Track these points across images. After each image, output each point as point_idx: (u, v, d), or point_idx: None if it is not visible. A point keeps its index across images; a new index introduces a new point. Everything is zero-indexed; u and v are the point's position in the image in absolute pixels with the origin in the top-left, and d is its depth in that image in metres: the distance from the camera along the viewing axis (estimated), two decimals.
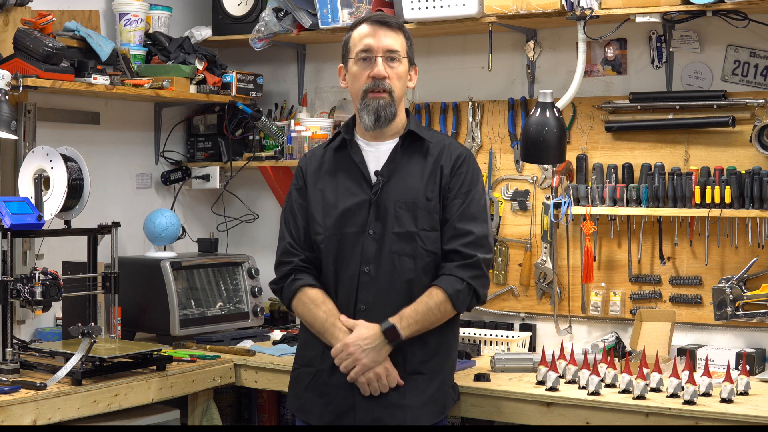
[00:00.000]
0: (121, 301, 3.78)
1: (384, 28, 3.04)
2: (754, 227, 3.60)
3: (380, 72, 3.01)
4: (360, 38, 3.04)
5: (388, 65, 3.03)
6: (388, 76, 3.02)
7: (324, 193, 3.10)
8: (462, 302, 3.00)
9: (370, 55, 3.02)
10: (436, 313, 2.98)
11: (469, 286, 2.99)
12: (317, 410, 3.05)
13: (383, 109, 3.03)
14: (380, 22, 3.04)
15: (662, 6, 3.49)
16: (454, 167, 3.07)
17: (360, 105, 3.05)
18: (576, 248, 3.96)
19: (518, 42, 4.08)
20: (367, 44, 3.02)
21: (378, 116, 3.03)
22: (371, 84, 3.02)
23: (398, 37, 3.05)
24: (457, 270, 2.99)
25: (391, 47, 3.03)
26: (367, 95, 3.03)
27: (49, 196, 3.61)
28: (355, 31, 3.07)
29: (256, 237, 4.71)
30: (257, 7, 4.42)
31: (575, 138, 3.97)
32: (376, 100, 3.02)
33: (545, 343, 3.86)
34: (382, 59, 3.02)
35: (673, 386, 3.12)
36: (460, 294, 2.98)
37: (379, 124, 3.04)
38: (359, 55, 3.03)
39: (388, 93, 3.02)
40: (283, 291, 3.14)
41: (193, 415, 3.76)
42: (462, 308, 3.02)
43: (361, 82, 3.04)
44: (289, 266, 3.12)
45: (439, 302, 2.98)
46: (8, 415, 3.04)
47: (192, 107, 4.68)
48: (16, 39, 3.68)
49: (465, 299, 3.00)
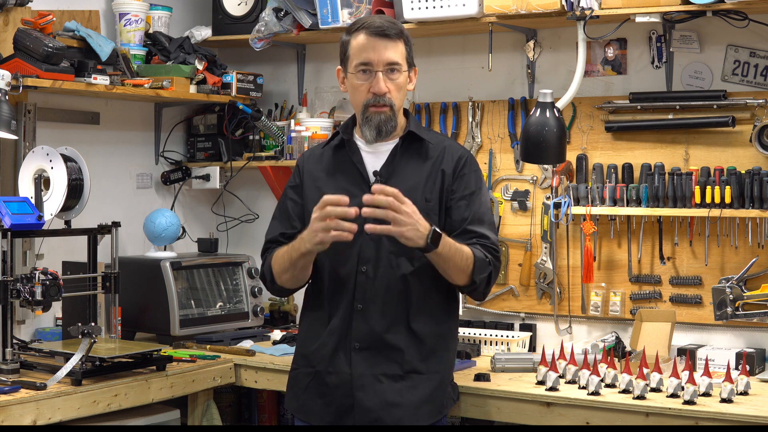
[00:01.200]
0: (121, 301, 3.78)
1: (383, 39, 2.98)
2: (754, 227, 3.60)
3: (381, 89, 2.98)
4: (359, 50, 2.99)
5: (388, 77, 3.00)
6: (389, 90, 3.00)
7: (322, 193, 3.09)
8: (480, 271, 2.93)
9: (369, 68, 2.99)
10: (465, 260, 2.90)
11: (489, 264, 2.96)
12: (317, 410, 3.05)
13: (384, 124, 3.02)
14: (379, 34, 2.98)
15: (662, 6, 3.49)
16: (456, 169, 3.06)
17: (361, 118, 3.04)
18: (576, 248, 3.96)
19: (518, 42, 4.09)
20: (367, 58, 2.98)
21: (380, 131, 3.02)
22: (372, 99, 3.00)
23: (398, 46, 3.01)
24: (480, 248, 2.97)
25: (391, 59, 2.99)
26: (368, 110, 3.01)
27: (49, 196, 3.61)
28: (354, 40, 3.01)
29: (256, 237, 4.70)
30: (257, 7, 4.42)
31: (575, 138, 3.97)
32: (378, 116, 3.01)
33: (545, 343, 3.86)
34: (382, 73, 2.99)
35: (673, 386, 3.12)
36: (483, 263, 2.94)
37: (381, 137, 3.04)
38: (359, 68, 3.00)
39: (389, 107, 3.01)
40: (263, 273, 3.13)
41: (193, 415, 3.76)
42: (478, 276, 2.94)
43: (361, 95, 3.02)
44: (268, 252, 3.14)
45: (467, 255, 2.92)
46: (8, 415, 3.04)
47: (192, 107, 4.69)
48: (16, 39, 3.68)
49: (484, 271, 2.95)
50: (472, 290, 3.01)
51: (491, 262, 2.98)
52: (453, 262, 2.91)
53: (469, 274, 2.93)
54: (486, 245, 2.99)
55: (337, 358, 3.01)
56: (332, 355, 3.02)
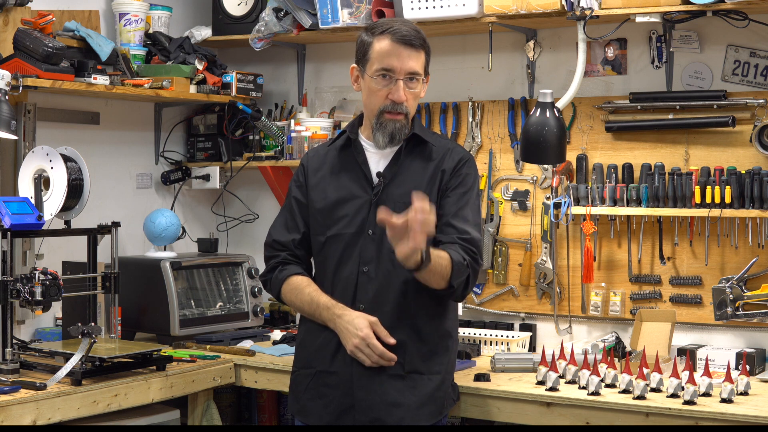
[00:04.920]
0: (121, 301, 3.78)
1: (408, 48, 2.98)
2: (754, 227, 3.60)
3: (401, 97, 2.98)
4: (382, 55, 2.98)
5: (408, 86, 3.00)
6: (407, 99, 3.01)
7: (325, 192, 3.10)
8: (457, 275, 2.89)
9: (391, 74, 2.99)
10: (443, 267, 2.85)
11: (467, 267, 2.93)
12: (316, 411, 3.05)
13: (399, 132, 3.02)
14: (405, 42, 2.97)
15: (662, 6, 3.49)
16: (455, 168, 3.07)
17: (375, 123, 3.03)
18: (576, 248, 3.96)
19: (518, 42, 4.08)
20: (390, 64, 2.97)
21: (393, 138, 3.03)
22: (389, 106, 3.00)
23: (420, 56, 3.01)
24: (459, 249, 2.94)
25: (413, 69, 2.99)
26: (384, 116, 3.01)
27: (49, 196, 3.61)
28: (377, 42, 3.00)
29: (256, 237, 4.70)
30: (257, 7, 4.42)
31: (575, 138, 3.97)
32: (393, 123, 3.01)
33: (545, 343, 3.86)
34: (403, 81, 2.99)
35: (673, 386, 3.12)
36: (461, 267, 2.90)
37: (393, 144, 3.05)
38: (379, 72, 2.99)
39: (404, 115, 3.02)
40: (271, 282, 3.17)
41: (193, 415, 3.76)
42: (455, 280, 2.90)
43: (378, 100, 3.01)
44: (277, 260, 3.16)
45: (445, 262, 2.87)
46: (8, 415, 3.04)
47: (192, 107, 4.69)
48: (16, 39, 3.68)
49: (461, 275, 2.91)
50: (449, 294, 2.98)
51: (469, 264, 2.93)
52: (431, 275, 2.85)
53: (447, 279, 2.90)
54: (465, 245, 2.95)
55: (337, 359, 3.02)
56: (332, 355, 3.02)
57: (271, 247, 3.19)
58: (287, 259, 3.15)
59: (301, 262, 3.17)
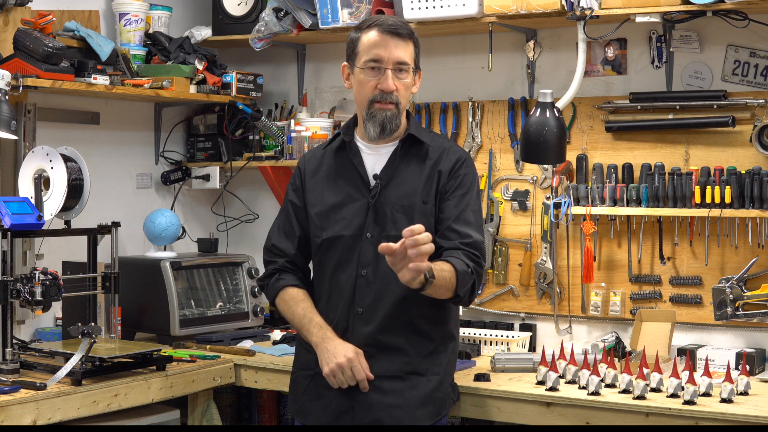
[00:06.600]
0: (121, 301, 3.78)
1: (395, 38, 2.99)
2: (754, 227, 3.60)
3: (390, 86, 2.98)
4: (369, 46, 3.00)
5: (397, 77, 3.00)
6: (396, 89, 3.00)
7: (322, 195, 3.10)
8: (462, 284, 2.89)
9: (379, 65, 2.99)
10: (448, 280, 2.85)
11: (472, 274, 2.93)
12: (316, 412, 3.05)
13: (389, 122, 3.02)
14: (392, 32, 2.99)
15: (662, 6, 3.49)
16: (452, 169, 3.06)
17: (365, 114, 3.04)
18: (576, 248, 3.96)
19: (518, 42, 4.08)
20: (377, 54, 2.98)
21: (384, 128, 3.03)
22: (378, 95, 3.00)
23: (408, 47, 3.02)
24: (462, 255, 2.94)
25: (401, 59, 2.99)
26: (374, 105, 3.01)
27: (49, 196, 3.61)
28: (365, 35, 3.02)
29: (256, 237, 4.70)
30: (257, 7, 4.42)
31: (575, 138, 3.97)
32: (383, 112, 3.01)
33: (545, 343, 3.86)
34: (391, 71, 2.99)
35: (673, 386, 3.12)
36: (465, 276, 2.90)
37: (384, 135, 3.04)
38: (367, 64, 3.00)
39: (395, 105, 3.01)
40: (267, 288, 3.20)
41: (193, 415, 3.76)
42: (461, 290, 2.90)
43: (367, 90, 3.01)
44: (275, 266, 3.17)
45: (450, 275, 2.87)
46: (8, 415, 3.04)
47: (192, 107, 4.69)
48: (16, 39, 3.68)
49: (466, 284, 2.91)
50: (456, 302, 3.00)
51: (473, 271, 2.94)
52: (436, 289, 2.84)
53: (453, 290, 2.90)
54: (468, 250, 2.95)
55: None
56: None
57: (270, 251, 3.19)
58: (285, 267, 3.16)
59: (299, 269, 3.17)
